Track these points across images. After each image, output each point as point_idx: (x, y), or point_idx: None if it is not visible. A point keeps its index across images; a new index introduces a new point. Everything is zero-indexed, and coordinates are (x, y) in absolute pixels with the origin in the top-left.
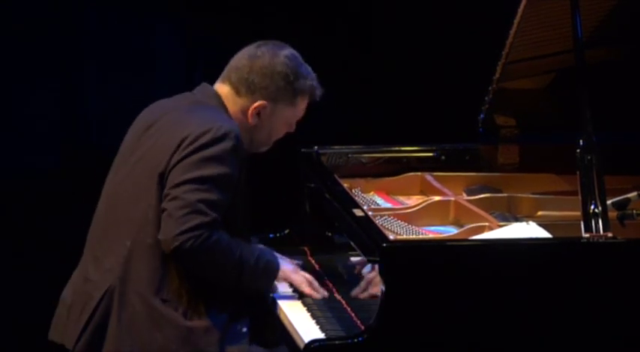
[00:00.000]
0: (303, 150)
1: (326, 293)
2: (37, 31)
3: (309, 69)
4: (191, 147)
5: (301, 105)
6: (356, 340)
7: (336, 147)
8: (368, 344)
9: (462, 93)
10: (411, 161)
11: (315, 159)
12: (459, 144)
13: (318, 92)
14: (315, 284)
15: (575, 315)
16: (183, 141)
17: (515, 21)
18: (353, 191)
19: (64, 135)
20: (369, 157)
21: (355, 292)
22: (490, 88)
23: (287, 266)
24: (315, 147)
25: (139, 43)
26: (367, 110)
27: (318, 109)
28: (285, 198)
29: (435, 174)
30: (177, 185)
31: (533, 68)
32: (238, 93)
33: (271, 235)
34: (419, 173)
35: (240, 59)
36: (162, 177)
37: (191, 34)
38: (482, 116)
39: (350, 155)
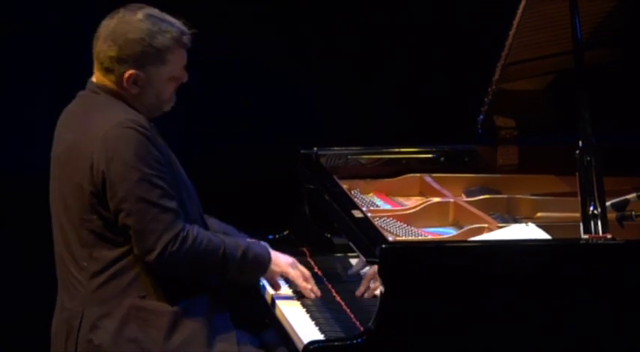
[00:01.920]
0: (302, 151)
1: (319, 293)
2: (36, 31)
3: (170, 20)
4: (105, 159)
5: (174, 59)
6: (355, 341)
7: (335, 148)
8: (367, 346)
9: (461, 95)
10: (410, 162)
11: (314, 161)
12: (458, 146)
13: (186, 38)
14: (312, 281)
15: (575, 316)
16: (92, 153)
17: (515, 22)
18: (352, 192)
19: None
20: (368, 158)
21: (359, 291)
22: (489, 90)
23: (285, 260)
24: (315, 149)
25: None
26: (366, 111)
27: (317, 111)
28: (284, 199)
29: (434, 175)
30: (124, 199)
31: (533, 69)
32: (107, 72)
33: (270, 236)
34: (418, 174)
35: (97, 39)
36: (93, 195)
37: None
38: (481, 117)
39: (349, 156)
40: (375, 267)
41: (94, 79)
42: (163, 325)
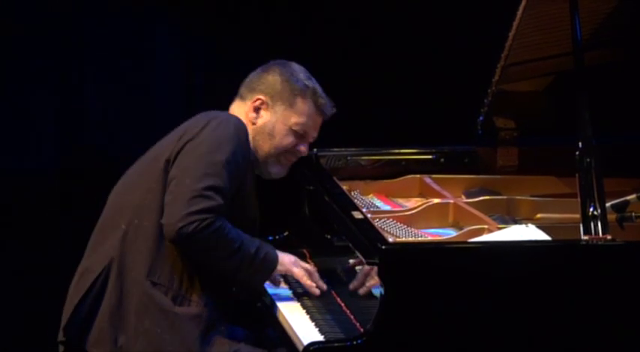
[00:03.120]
0: None
1: (325, 287)
2: (36, 32)
3: (317, 85)
4: (196, 133)
5: (302, 108)
6: (355, 342)
7: (335, 149)
8: (367, 347)
9: (461, 96)
10: (410, 163)
11: (314, 162)
12: (458, 147)
13: (324, 103)
14: (316, 276)
15: (575, 317)
16: (187, 129)
17: (515, 23)
18: (352, 193)
19: (63, 136)
20: (368, 160)
21: (353, 285)
22: (489, 91)
23: (287, 259)
24: (315, 150)
25: (138, 44)
26: (366, 113)
27: None
28: (284, 200)
29: (434, 176)
30: (184, 169)
31: (533, 70)
32: (242, 98)
33: (270, 237)
34: (418, 175)
35: (261, 70)
36: (168, 163)
37: (190, 36)
38: (481, 118)
39: (349, 157)
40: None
41: (230, 109)
42: (159, 318)
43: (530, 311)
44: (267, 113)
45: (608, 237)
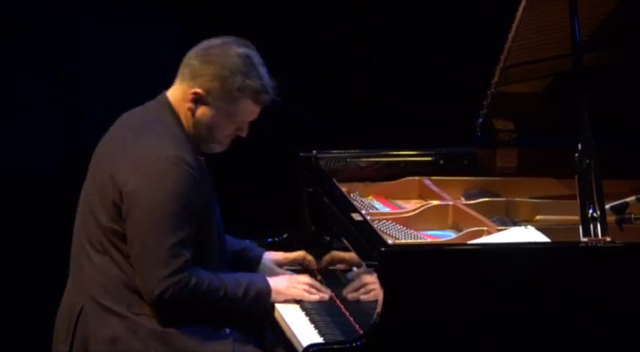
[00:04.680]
0: (301, 154)
1: (328, 292)
2: (36, 33)
3: (261, 73)
4: (143, 186)
5: (242, 105)
6: (354, 344)
7: (334, 151)
8: (366, 349)
9: (461, 97)
10: (409, 165)
11: (313, 164)
12: (457, 149)
13: (264, 97)
14: (317, 285)
15: (574, 319)
16: (132, 174)
17: (514, 25)
18: (351, 195)
19: (63, 137)
20: (367, 161)
21: (346, 290)
22: (488, 92)
23: (281, 287)
24: (314, 152)
25: (138, 45)
26: (366, 114)
27: (317, 114)
28: (283, 202)
29: (434, 178)
30: (142, 231)
31: (532, 72)
32: (182, 79)
33: (270, 239)
34: (417, 177)
35: (197, 47)
36: (117, 207)
37: (190, 37)
38: (480, 120)
39: (348, 159)
40: (369, 277)
41: (168, 92)
42: (154, 336)
43: (530, 313)
44: (206, 108)
45: (608, 239)
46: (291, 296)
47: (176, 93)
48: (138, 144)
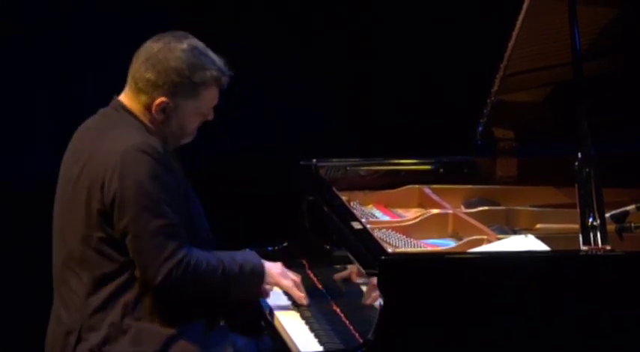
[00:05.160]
0: (301, 162)
1: (307, 299)
2: (36, 36)
3: (212, 57)
4: (118, 178)
5: (207, 95)
6: None
7: (334, 159)
8: None
9: (461, 106)
10: (409, 174)
11: (313, 172)
12: (457, 157)
13: (224, 79)
14: (301, 288)
15: (574, 328)
16: (105, 173)
17: (514, 33)
18: (351, 204)
19: (62, 140)
20: (367, 170)
21: (365, 300)
22: (488, 101)
23: (274, 270)
24: (314, 160)
25: (138, 46)
26: (365, 123)
27: (317, 122)
28: (283, 210)
29: (434, 186)
30: (132, 222)
31: (532, 80)
32: (139, 93)
33: (269, 248)
34: (417, 186)
35: (137, 58)
36: (102, 213)
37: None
38: (480, 129)
39: (348, 168)
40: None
41: (121, 98)
42: (156, 344)
43: (531, 322)
44: (174, 113)
45: (608, 248)
46: (279, 283)
47: (133, 103)
48: (102, 145)
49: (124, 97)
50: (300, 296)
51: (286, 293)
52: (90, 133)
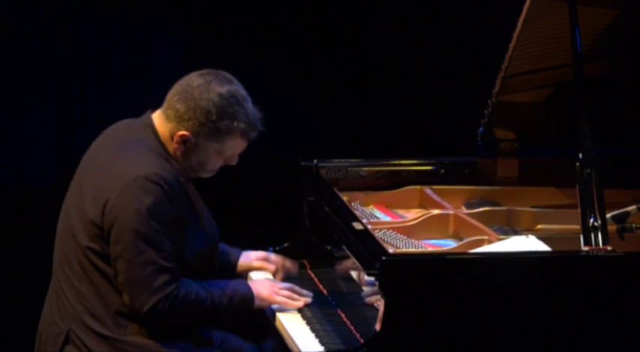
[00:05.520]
0: (302, 163)
1: (311, 295)
2: (36, 45)
3: (247, 110)
4: (116, 200)
5: (231, 144)
6: None
7: (335, 160)
8: None
9: (462, 107)
10: (410, 174)
11: (314, 173)
12: (458, 158)
13: (252, 134)
14: (297, 289)
15: (575, 328)
16: (111, 194)
17: (515, 34)
18: (352, 204)
19: (63, 149)
20: (368, 171)
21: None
22: (489, 102)
23: (264, 292)
24: (315, 161)
25: (137, 57)
26: (367, 123)
27: (318, 123)
28: (284, 211)
29: (434, 187)
30: (126, 248)
31: (533, 82)
32: (167, 119)
33: (270, 248)
34: (418, 186)
35: (177, 86)
36: (97, 226)
37: (190, 48)
38: (481, 129)
39: (349, 168)
40: None
41: (154, 115)
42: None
43: (531, 322)
44: (194, 149)
45: (609, 248)
46: (274, 303)
47: (162, 127)
48: (117, 163)
49: (157, 116)
50: (299, 305)
51: None
52: (112, 145)
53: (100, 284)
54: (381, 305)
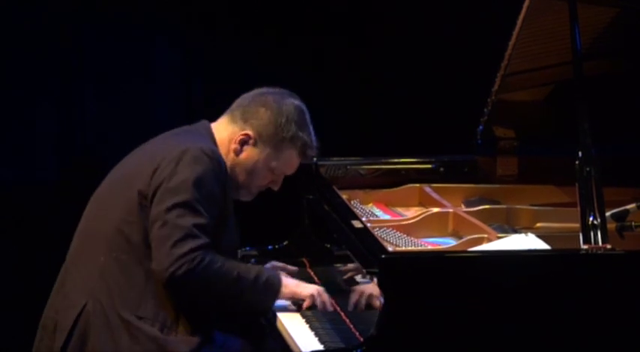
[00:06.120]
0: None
1: (332, 305)
2: (36, 46)
3: (310, 128)
4: (171, 171)
5: (287, 155)
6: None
7: (334, 158)
8: None
9: (461, 105)
10: (409, 173)
11: (313, 171)
12: (457, 156)
13: (309, 152)
14: (325, 295)
15: (574, 327)
16: (160, 162)
17: (515, 32)
18: (352, 202)
19: (63, 148)
20: (367, 169)
21: (352, 301)
22: (489, 100)
23: (290, 281)
24: (314, 159)
25: (137, 56)
26: (366, 122)
27: (317, 121)
28: (284, 209)
29: (434, 185)
30: (164, 212)
31: (533, 80)
32: (233, 120)
33: (270, 247)
34: (417, 185)
35: (247, 94)
36: (142, 196)
37: (190, 48)
38: (481, 128)
39: (349, 166)
40: (369, 286)
41: (213, 124)
42: (151, 349)
43: (531, 320)
44: (252, 150)
45: (608, 247)
46: (300, 296)
47: (222, 131)
48: (172, 141)
49: (217, 123)
50: (328, 308)
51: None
52: (164, 136)
53: (125, 264)
54: (379, 303)
